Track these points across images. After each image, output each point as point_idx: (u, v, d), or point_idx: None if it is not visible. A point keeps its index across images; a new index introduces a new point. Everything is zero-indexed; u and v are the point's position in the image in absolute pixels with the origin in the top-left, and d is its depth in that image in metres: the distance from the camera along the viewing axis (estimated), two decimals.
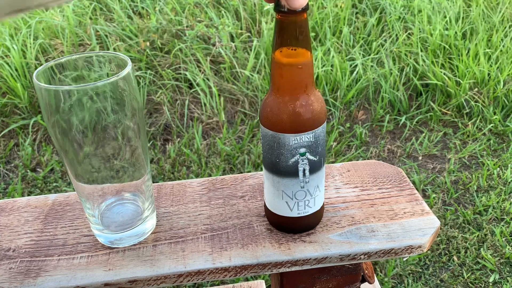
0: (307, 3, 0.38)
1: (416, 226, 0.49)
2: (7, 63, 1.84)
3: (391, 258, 0.77)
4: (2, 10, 0.19)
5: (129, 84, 0.42)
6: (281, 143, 0.43)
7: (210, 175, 1.56)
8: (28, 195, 1.50)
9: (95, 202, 0.47)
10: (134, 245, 0.48)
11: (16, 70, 1.84)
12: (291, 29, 0.39)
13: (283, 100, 0.42)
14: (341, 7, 2.23)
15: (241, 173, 1.58)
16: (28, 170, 1.60)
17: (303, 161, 0.44)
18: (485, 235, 1.34)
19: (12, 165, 1.65)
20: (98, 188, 0.46)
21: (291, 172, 0.44)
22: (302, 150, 0.43)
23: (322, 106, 0.44)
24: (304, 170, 0.44)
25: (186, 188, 0.56)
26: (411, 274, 1.24)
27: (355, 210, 0.51)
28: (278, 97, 0.42)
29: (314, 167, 0.45)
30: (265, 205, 0.50)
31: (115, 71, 0.45)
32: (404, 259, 1.26)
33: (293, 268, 0.46)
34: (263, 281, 0.76)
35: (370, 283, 0.54)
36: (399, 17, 2.20)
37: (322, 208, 0.49)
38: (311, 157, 0.44)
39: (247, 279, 1.18)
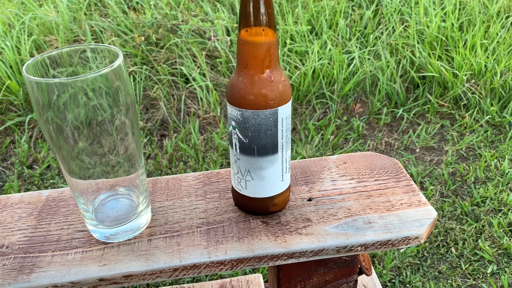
0: None
1: (413, 217, 0.48)
2: (1, 60, 1.83)
3: (388, 250, 0.77)
4: None
5: (120, 76, 0.42)
6: (227, 107, 0.45)
7: (207, 170, 1.56)
8: (25, 192, 1.49)
9: (89, 197, 0.46)
10: (129, 240, 0.48)
11: (11, 67, 1.83)
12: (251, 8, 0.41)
13: (237, 72, 0.44)
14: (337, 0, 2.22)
15: None
16: (24, 167, 1.59)
17: (234, 134, 0.45)
18: (483, 226, 1.35)
19: (8, 162, 1.64)
20: (92, 183, 0.46)
21: (230, 138, 0.46)
22: (233, 123, 0.45)
23: (265, 92, 0.43)
24: (235, 144, 0.46)
25: (181, 182, 0.56)
26: (409, 266, 1.24)
27: (351, 202, 0.51)
28: (236, 68, 0.44)
29: (244, 149, 0.45)
30: None
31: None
32: (401, 251, 1.27)
33: (290, 261, 0.46)
34: (261, 274, 0.76)
35: (367, 275, 0.54)
36: (396, 9, 2.19)
37: (263, 202, 0.48)
38: (240, 136, 0.45)
39: (245, 273, 1.17)
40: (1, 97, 1.78)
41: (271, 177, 0.46)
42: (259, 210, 0.49)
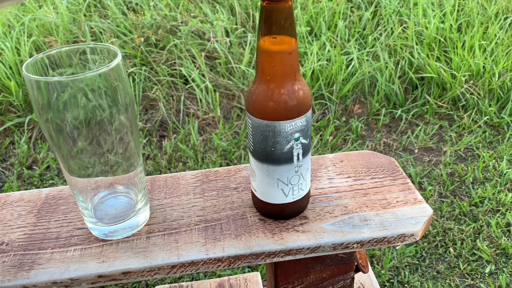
0: None
1: (409, 214, 0.49)
2: (1, 61, 1.84)
3: (384, 247, 0.77)
4: None
5: (119, 76, 0.42)
6: (277, 131, 0.43)
7: None
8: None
9: (88, 195, 0.47)
10: (128, 237, 0.48)
11: (10, 68, 1.83)
12: (277, 17, 0.40)
13: (275, 88, 0.42)
14: (336, 1, 2.23)
15: None
16: (24, 168, 1.60)
17: (297, 145, 0.45)
18: (481, 226, 1.35)
19: (8, 163, 1.64)
20: (91, 182, 0.46)
21: (286, 158, 0.45)
22: (297, 135, 0.44)
23: (308, 90, 0.45)
24: (298, 154, 0.45)
25: (180, 180, 0.56)
26: (407, 266, 1.25)
27: (348, 200, 0.51)
28: (268, 86, 0.43)
29: (306, 150, 0.46)
30: (254, 196, 0.50)
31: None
32: (397, 248, 1.27)
33: (287, 258, 0.46)
34: (258, 273, 0.76)
35: (364, 272, 0.54)
36: (394, 11, 2.20)
37: (309, 189, 0.51)
38: (303, 141, 0.45)
39: (243, 272, 1.18)
40: (0, 98, 1.79)
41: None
42: (308, 201, 0.51)
